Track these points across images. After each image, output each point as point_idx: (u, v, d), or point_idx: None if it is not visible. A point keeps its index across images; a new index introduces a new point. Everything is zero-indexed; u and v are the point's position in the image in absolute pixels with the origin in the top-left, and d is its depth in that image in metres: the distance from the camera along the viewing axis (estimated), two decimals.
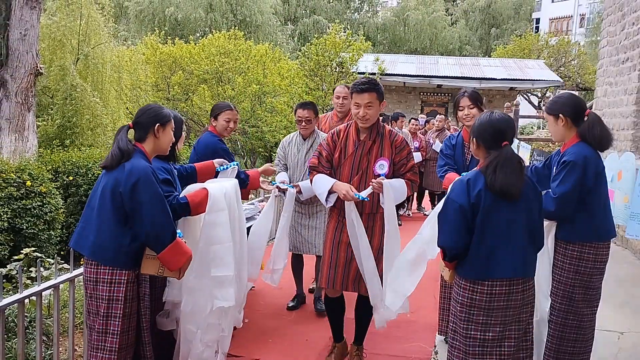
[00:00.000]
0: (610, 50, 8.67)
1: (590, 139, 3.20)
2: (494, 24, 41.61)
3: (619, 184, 4.35)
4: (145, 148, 3.04)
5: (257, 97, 14.41)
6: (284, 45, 29.65)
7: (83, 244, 2.91)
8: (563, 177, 3.15)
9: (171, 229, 2.94)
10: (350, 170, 3.68)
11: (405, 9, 39.98)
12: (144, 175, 2.83)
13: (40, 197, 6.24)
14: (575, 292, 3.23)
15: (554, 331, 3.28)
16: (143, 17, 29.30)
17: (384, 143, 3.68)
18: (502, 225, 2.65)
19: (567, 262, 3.23)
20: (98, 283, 2.85)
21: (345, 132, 3.75)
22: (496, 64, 22.78)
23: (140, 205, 2.81)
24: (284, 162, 4.91)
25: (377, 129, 3.70)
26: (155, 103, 3.35)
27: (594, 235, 3.23)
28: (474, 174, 2.73)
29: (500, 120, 2.75)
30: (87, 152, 8.60)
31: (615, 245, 7.40)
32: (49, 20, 11.38)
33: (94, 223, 2.87)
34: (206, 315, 3.34)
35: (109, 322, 2.85)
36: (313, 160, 3.79)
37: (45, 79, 10.51)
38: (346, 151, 3.70)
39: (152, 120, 3.04)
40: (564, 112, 3.27)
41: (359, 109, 3.58)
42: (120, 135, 2.96)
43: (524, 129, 24.22)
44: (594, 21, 31.96)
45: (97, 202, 2.89)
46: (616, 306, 5.02)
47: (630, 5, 7.73)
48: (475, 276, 2.67)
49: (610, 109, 8.40)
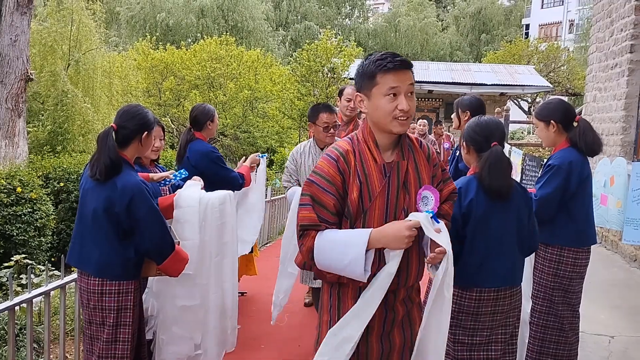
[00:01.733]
0: (599, 56, 8.74)
1: (582, 145, 3.25)
2: (485, 29, 41.88)
3: (611, 189, 4.38)
4: (127, 155, 2.88)
5: (248, 102, 14.45)
6: (276, 50, 29.70)
7: (85, 262, 2.84)
8: (546, 180, 3.20)
9: (170, 240, 2.90)
10: (384, 218, 2.14)
11: (396, 14, 40.19)
12: (138, 192, 2.75)
13: (30, 204, 6.21)
14: (554, 295, 3.27)
15: (535, 333, 3.32)
16: (134, 22, 29.26)
17: (418, 159, 2.25)
18: (493, 234, 2.66)
19: (547, 264, 3.28)
20: (104, 295, 2.80)
21: (358, 154, 2.18)
22: (487, 70, 22.89)
23: (137, 222, 2.76)
24: (297, 177, 4.28)
25: (406, 137, 2.26)
26: (138, 104, 3.20)
27: (574, 240, 3.27)
28: (465, 181, 2.73)
29: (489, 122, 2.77)
30: (78, 158, 8.58)
31: (606, 250, 7.45)
32: (39, 26, 11.37)
33: (94, 241, 2.80)
34: (171, 320, 3.29)
35: (119, 330, 2.82)
36: (309, 217, 2.13)
37: (35, 85, 10.48)
38: (370, 187, 2.14)
39: (140, 128, 2.88)
40: (555, 118, 3.31)
41: (395, 101, 2.08)
42: (108, 142, 2.77)
43: (514, 134, 24.36)
44: (583, 27, 32.22)
45: (91, 221, 2.79)
46: (607, 310, 5.05)
47: (618, 11, 7.80)
48: (464, 284, 2.67)
49: (600, 114, 8.46)
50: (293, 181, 4.26)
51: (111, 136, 2.79)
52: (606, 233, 7.55)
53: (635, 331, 4.66)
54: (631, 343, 4.44)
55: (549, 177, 3.20)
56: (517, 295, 2.75)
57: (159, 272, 2.98)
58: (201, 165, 4.19)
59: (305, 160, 4.26)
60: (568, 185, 3.18)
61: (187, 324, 3.34)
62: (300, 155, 4.29)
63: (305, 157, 4.27)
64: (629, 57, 7.27)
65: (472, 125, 2.80)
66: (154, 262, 2.90)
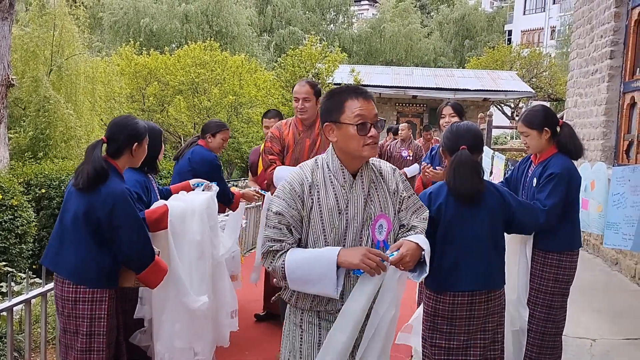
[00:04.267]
0: (580, 62, 8.86)
1: (572, 149, 3.30)
2: (468, 35, 42.24)
3: (592, 194, 4.43)
4: (118, 165, 2.92)
5: (233, 108, 14.42)
6: (260, 56, 29.67)
7: (61, 265, 2.82)
8: (551, 190, 3.18)
9: (150, 250, 2.89)
10: None
11: (381, 20, 40.38)
12: (121, 200, 2.75)
13: (11, 211, 6.13)
14: (554, 300, 3.29)
15: (533, 340, 3.32)
16: (118, 27, 29.08)
17: None
18: (465, 238, 2.68)
19: (547, 270, 3.28)
20: (78, 302, 2.78)
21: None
22: (470, 75, 23.10)
23: (117, 229, 2.75)
24: None
25: None
26: (130, 115, 3.22)
27: (571, 244, 3.32)
28: (437, 186, 2.78)
29: (459, 126, 2.82)
30: (60, 164, 8.50)
31: (587, 253, 7.52)
32: (21, 31, 11.27)
33: (72, 244, 2.78)
34: (174, 334, 3.27)
35: (92, 339, 2.80)
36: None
37: (17, 91, 10.37)
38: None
39: (130, 140, 2.92)
40: (548, 125, 3.34)
41: None
42: (95, 153, 2.79)
43: (497, 139, 24.53)
44: (564, 33, 32.61)
45: (70, 224, 2.79)
46: (588, 313, 5.09)
47: (598, 18, 7.91)
48: (437, 287, 2.71)
49: (581, 119, 8.56)
50: None
51: (98, 149, 2.82)
52: (588, 237, 7.63)
53: (616, 334, 4.70)
54: (613, 346, 4.49)
55: (553, 185, 3.19)
56: (496, 299, 2.76)
57: (137, 283, 2.96)
58: (201, 169, 4.31)
59: None
60: (569, 192, 3.23)
61: (186, 336, 3.33)
62: None
63: None
64: (609, 63, 7.38)
65: (446, 130, 2.87)
66: (133, 271, 2.88)
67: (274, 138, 4.15)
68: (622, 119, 7.19)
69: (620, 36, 7.29)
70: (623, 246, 3.91)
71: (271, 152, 4.12)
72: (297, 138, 4.13)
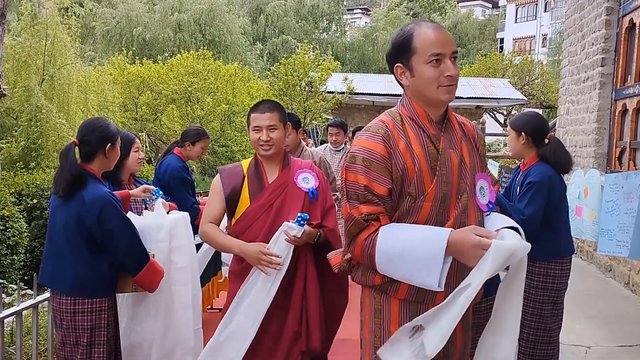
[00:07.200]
0: (571, 69, 8.91)
1: (553, 164, 3.28)
2: (460, 43, 42.41)
3: (585, 201, 4.44)
4: (94, 169, 2.86)
5: (226, 116, 14.39)
6: (253, 64, 29.68)
7: (60, 282, 2.80)
8: (530, 198, 3.19)
9: (144, 250, 2.89)
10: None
11: (374, 29, 40.52)
12: (107, 203, 2.74)
13: (2, 221, 6.08)
14: (544, 309, 3.28)
15: (525, 349, 3.31)
16: (110, 37, 29.03)
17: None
18: None
19: (535, 279, 3.28)
20: (77, 314, 2.76)
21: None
22: (462, 83, 23.10)
23: (110, 233, 2.74)
24: None
25: None
26: (101, 117, 3.19)
27: (558, 252, 3.30)
28: None
29: None
30: (52, 174, 8.44)
31: (581, 260, 7.53)
32: (13, 41, 11.22)
33: (67, 259, 2.75)
34: None
35: (93, 349, 2.79)
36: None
37: (9, 100, 10.32)
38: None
39: (103, 140, 2.85)
40: (526, 130, 3.34)
41: None
42: (69, 157, 2.74)
43: (490, 147, 24.60)
44: (555, 41, 32.83)
45: (62, 238, 2.76)
46: (583, 321, 5.09)
47: (589, 26, 7.97)
48: None
49: (573, 126, 8.60)
50: None
51: (72, 152, 2.76)
52: (581, 244, 7.65)
53: (611, 341, 4.70)
54: (607, 353, 4.49)
55: (532, 194, 3.20)
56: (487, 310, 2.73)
57: (134, 288, 2.95)
58: (162, 179, 4.23)
59: None
60: (550, 200, 3.22)
61: None
62: None
63: None
64: (600, 71, 7.42)
65: None
66: (130, 274, 2.87)
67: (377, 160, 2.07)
68: (614, 126, 7.23)
69: (612, 44, 7.34)
70: (617, 253, 3.92)
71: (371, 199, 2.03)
72: None
